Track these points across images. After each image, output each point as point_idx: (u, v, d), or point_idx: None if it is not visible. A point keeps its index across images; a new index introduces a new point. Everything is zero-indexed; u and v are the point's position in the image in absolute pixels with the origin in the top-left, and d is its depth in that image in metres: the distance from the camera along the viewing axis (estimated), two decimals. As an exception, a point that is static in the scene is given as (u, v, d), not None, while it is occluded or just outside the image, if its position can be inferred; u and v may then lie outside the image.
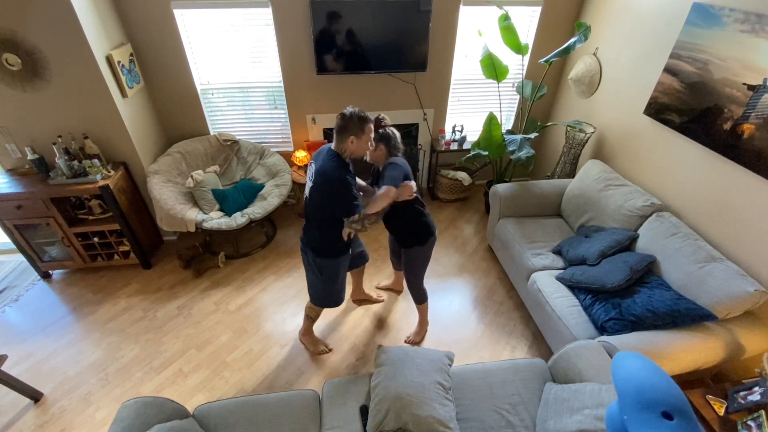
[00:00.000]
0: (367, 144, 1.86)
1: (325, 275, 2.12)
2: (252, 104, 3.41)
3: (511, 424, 1.74)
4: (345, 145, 1.82)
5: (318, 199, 1.89)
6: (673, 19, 2.48)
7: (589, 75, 3.23)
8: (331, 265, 2.10)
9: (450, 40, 3.33)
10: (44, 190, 2.61)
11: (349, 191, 1.82)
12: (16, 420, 2.17)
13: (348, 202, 1.82)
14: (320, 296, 2.26)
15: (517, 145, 3.02)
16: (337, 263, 2.11)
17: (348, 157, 1.87)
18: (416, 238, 2.19)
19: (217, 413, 1.74)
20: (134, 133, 2.88)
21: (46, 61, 2.45)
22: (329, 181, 1.82)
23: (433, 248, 2.26)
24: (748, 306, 1.95)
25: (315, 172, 1.87)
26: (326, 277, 2.13)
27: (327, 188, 1.84)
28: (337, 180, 1.81)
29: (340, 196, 1.82)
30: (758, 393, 1.80)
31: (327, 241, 2.01)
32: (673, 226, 2.31)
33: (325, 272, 2.11)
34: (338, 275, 2.18)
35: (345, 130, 1.79)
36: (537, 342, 2.61)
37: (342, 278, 2.22)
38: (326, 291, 2.22)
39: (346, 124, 1.78)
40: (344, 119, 1.78)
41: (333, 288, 2.21)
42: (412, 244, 2.20)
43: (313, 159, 1.97)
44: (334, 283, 2.19)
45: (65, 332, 2.66)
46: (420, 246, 2.20)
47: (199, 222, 2.86)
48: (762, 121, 2.00)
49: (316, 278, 2.15)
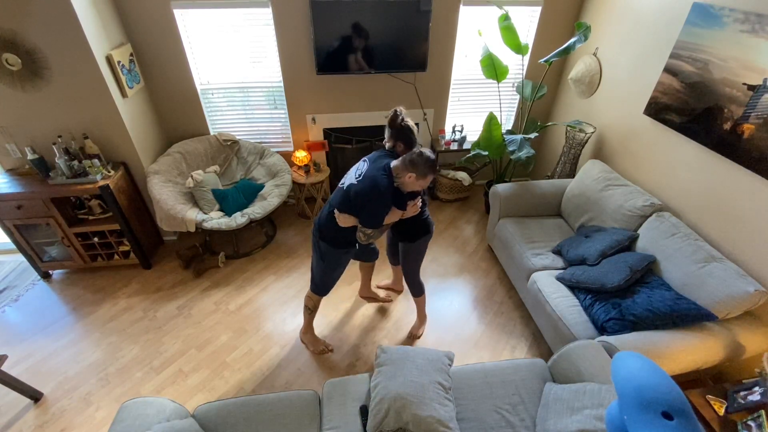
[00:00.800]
0: (419, 187, 1.92)
1: (326, 261, 2.19)
2: (252, 104, 3.41)
3: (511, 424, 1.74)
4: (403, 176, 1.88)
5: (353, 197, 1.92)
6: (673, 19, 2.48)
7: (589, 75, 3.23)
8: (334, 254, 2.16)
9: (450, 40, 3.33)
10: (44, 190, 2.61)
11: (381, 208, 1.91)
12: (16, 420, 2.17)
13: (375, 215, 1.91)
14: (317, 280, 2.32)
15: (517, 145, 3.02)
16: (340, 254, 2.17)
17: (397, 184, 1.93)
18: (416, 233, 2.22)
19: (217, 413, 1.74)
20: (134, 133, 2.88)
21: (46, 61, 2.45)
22: (375, 189, 1.85)
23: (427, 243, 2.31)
24: (748, 306, 1.95)
25: (365, 175, 1.91)
26: (327, 263, 2.20)
27: (368, 194, 1.87)
28: (381, 194, 1.86)
29: (373, 207, 1.89)
30: (758, 393, 1.80)
31: (337, 231, 2.05)
32: (673, 226, 2.31)
33: (326, 258, 2.18)
34: (339, 265, 2.24)
35: (413, 165, 1.84)
36: (537, 342, 2.61)
37: (341, 270, 2.29)
38: (324, 277, 2.29)
39: (417, 163, 1.83)
40: (419, 157, 1.83)
41: (331, 276, 2.29)
42: (413, 238, 2.23)
43: (368, 159, 2.02)
44: (333, 271, 2.26)
45: (65, 332, 2.66)
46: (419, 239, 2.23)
47: (199, 222, 2.86)
48: (762, 121, 2.00)
49: (318, 261, 2.22)
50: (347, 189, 1.95)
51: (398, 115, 2.02)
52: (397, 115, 2.02)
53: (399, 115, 2.02)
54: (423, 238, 2.24)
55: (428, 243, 2.33)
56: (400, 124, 2.02)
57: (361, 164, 2.01)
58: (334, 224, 2.01)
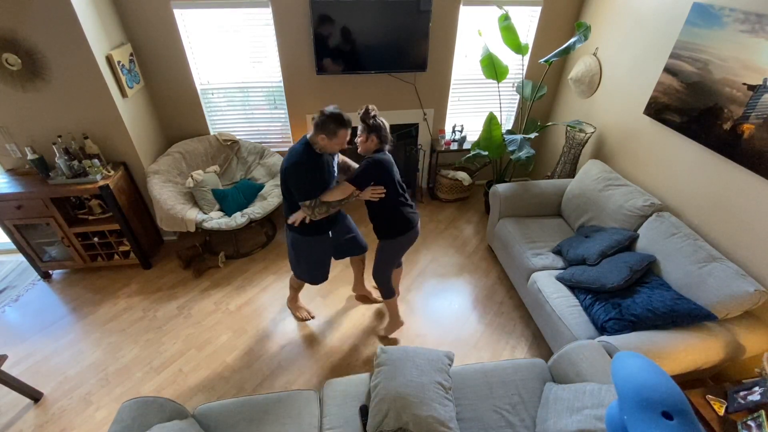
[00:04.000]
0: (337, 146, 1.93)
1: (296, 249, 2.23)
2: (252, 104, 3.41)
3: (511, 424, 1.74)
4: (316, 139, 1.90)
5: (282, 177, 1.98)
6: (673, 19, 2.48)
7: (589, 75, 3.23)
8: (303, 241, 2.17)
9: (450, 40, 3.33)
10: (44, 190, 2.61)
11: (303, 177, 1.92)
12: (16, 420, 2.17)
13: (300, 187, 1.93)
14: (295, 269, 2.37)
15: (517, 145, 3.02)
16: (309, 241, 2.17)
17: (319, 149, 1.94)
18: (387, 231, 2.18)
19: (217, 413, 1.74)
20: (134, 133, 2.88)
21: (46, 61, 2.45)
22: (290, 163, 1.91)
23: (404, 247, 2.25)
24: (748, 306, 1.95)
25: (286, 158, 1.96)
26: (297, 251, 2.23)
27: (287, 169, 1.92)
28: (295, 165, 1.90)
29: (295, 179, 1.92)
30: (758, 393, 1.80)
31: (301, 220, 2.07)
32: (673, 226, 2.31)
33: (296, 246, 2.21)
34: (312, 253, 2.25)
35: (319, 127, 1.86)
36: (537, 342, 2.61)
37: (318, 258, 2.28)
38: (299, 265, 2.32)
39: (322, 123, 1.85)
40: (321, 117, 1.85)
41: (306, 264, 2.30)
42: (385, 235, 2.20)
43: None
44: (306, 259, 2.28)
45: (65, 332, 2.66)
46: (390, 238, 2.19)
47: (199, 222, 2.86)
48: (762, 121, 2.00)
49: (289, 249, 2.28)
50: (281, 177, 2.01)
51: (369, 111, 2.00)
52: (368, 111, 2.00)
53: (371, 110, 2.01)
54: (396, 239, 2.17)
55: (403, 247, 2.25)
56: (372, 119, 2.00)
57: None
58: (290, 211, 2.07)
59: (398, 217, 2.14)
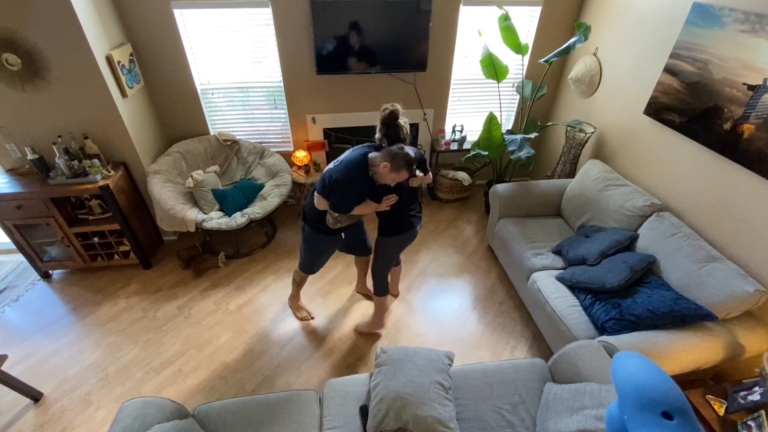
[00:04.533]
0: (390, 181, 1.96)
1: (307, 243, 2.31)
2: (252, 104, 3.41)
3: (511, 424, 1.74)
4: (378, 164, 1.92)
5: (327, 180, 2.01)
6: (673, 19, 2.48)
7: (589, 75, 3.23)
8: (315, 238, 2.23)
9: (450, 40, 3.33)
10: (44, 190, 2.61)
11: (350, 193, 1.98)
12: (16, 420, 2.17)
13: (342, 199, 1.99)
14: (303, 259, 2.43)
15: (517, 145, 3.02)
16: (320, 237, 2.23)
17: (372, 172, 1.98)
18: (393, 228, 2.22)
19: (217, 413, 1.74)
20: (134, 133, 2.88)
21: (46, 61, 2.45)
22: (340, 176, 1.94)
23: (403, 245, 2.31)
24: (748, 306, 1.95)
25: (341, 161, 2.02)
26: (308, 245, 2.31)
27: (338, 178, 1.94)
28: (344, 181, 1.94)
29: (341, 191, 1.96)
30: (758, 393, 1.80)
31: (319, 215, 2.11)
32: (673, 226, 2.31)
33: (308, 240, 2.29)
34: (321, 250, 2.35)
35: (390, 156, 1.89)
36: (537, 342, 2.61)
37: (321, 252, 2.35)
38: (307, 257, 2.39)
39: (396, 156, 1.88)
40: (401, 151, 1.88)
41: (314, 258, 2.39)
42: (387, 233, 2.24)
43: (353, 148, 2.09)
44: (315, 254, 2.36)
45: (65, 332, 2.66)
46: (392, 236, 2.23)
47: (199, 222, 2.86)
48: (762, 121, 2.00)
49: (302, 241, 2.35)
50: (324, 172, 2.05)
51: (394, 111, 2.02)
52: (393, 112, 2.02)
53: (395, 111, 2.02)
54: (396, 237, 2.23)
55: (403, 245, 2.31)
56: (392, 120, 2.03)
57: (345, 153, 2.08)
58: (316, 208, 2.09)
59: (402, 218, 2.19)
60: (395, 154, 1.88)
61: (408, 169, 1.91)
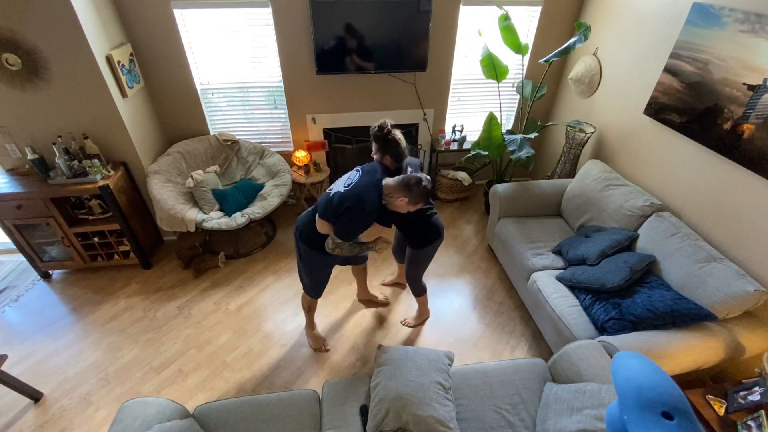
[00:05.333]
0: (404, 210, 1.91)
1: (306, 262, 2.17)
2: (252, 104, 3.41)
3: (511, 424, 1.74)
4: (394, 197, 1.86)
5: (336, 204, 1.87)
6: (673, 19, 2.48)
7: (589, 75, 3.23)
8: (313, 256, 2.11)
9: (450, 40, 3.33)
10: (44, 190, 2.61)
11: (359, 224, 1.88)
12: (16, 420, 2.17)
13: (350, 229, 1.87)
14: (305, 281, 2.31)
15: (517, 145, 3.02)
16: (323, 257, 2.10)
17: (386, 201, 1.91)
18: (422, 240, 2.21)
19: (217, 413, 1.74)
20: (134, 133, 2.88)
21: (46, 61, 2.45)
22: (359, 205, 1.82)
23: (436, 249, 2.31)
24: (748, 306, 1.95)
25: (354, 185, 1.87)
26: (306, 264, 2.18)
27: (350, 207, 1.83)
28: (363, 211, 1.83)
29: (351, 220, 1.85)
30: (758, 393, 1.80)
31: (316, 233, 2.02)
32: (673, 226, 2.31)
33: (306, 259, 2.15)
34: (321, 267, 2.22)
35: (409, 190, 1.83)
36: (537, 342, 2.61)
37: (321, 270, 2.25)
38: (308, 277, 2.26)
39: (413, 190, 1.82)
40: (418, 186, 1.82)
41: (316, 277, 2.26)
42: (418, 245, 2.24)
43: (361, 170, 1.97)
44: (316, 273, 2.24)
45: (65, 332, 2.66)
46: (428, 245, 2.24)
47: (199, 222, 2.86)
48: (762, 121, 2.00)
49: (299, 261, 2.23)
50: (332, 196, 1.90)
51: (384, 127, 1.98)
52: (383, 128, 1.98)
53: (385, 127, 1.98)
54: (433, 244, 2.23)
55: (435, 249, 2.30)
56: (386, 137, 2.00)
57: (353, 174, 1.96)
58: (314, 227, 1.99)
59: (429, 224, 2.18)
60: (412, 188, 1.82)
61: (424, 201, 1.88)
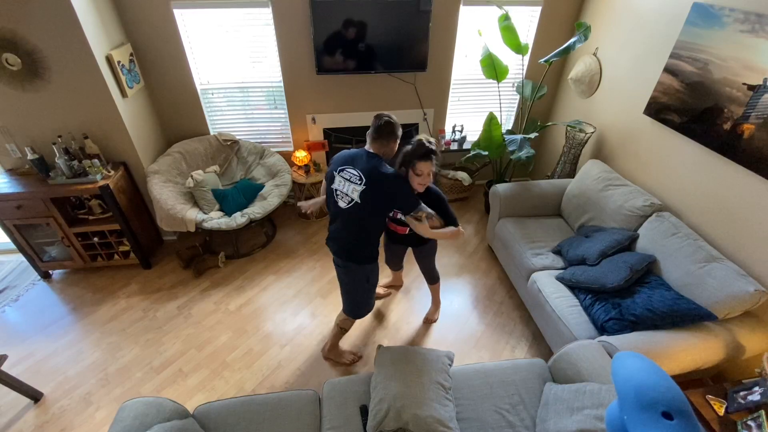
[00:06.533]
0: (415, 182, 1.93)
1: (372, 280, 2.11)
2: (252, 104, 3.41)
3: (511, 424, 1.74)
4: (388, 148, 1.88)
5: (376, 200, 1.82)
6: (673, 19, 2.48)
7: (589, 75, 3.23)
8: (375, 269, 2.09)
9: (450, 40, 3.33)
10: (44, 190, 2.61)
11: (410, 186, 1.92)
12: (16, 420, 2.17)
13: (412, 195, 1.90)
14: (360, 304, 2.20)
15: (517, 145, 3.02)
16: (373, 267, 2.07)
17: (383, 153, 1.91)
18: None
19: (217, 413, 1.74)
20: (134, 133, 2.88)
21: (46, 61, 2.45)
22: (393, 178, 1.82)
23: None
24: (748, 306, 1.95)
25: (367, 175, 1.80)
26: (372, 282, 2.12)
27: (390, 187, 1.82)
28: (400, 177, 1.87)
29: (404, 191, 1.87)
30: (758, 393, 1.80)
31: (373, 246, 1.99)
32: (673, 226, 2.31)
33: (372, 277, 2.10)
34: (371, 279, 2.12)
35: (392, 134, 1.87)
36: (537, 342, 2.61)
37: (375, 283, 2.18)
38: (358, 297, 2.17)
39: (393, 129, 1.86)
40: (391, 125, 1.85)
41: (365, 294, 2.16)
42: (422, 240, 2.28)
43: (344, 164, 1.89)
44: (366, 289, 2.14)
45: (65, 332, 2.66)
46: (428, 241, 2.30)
47: (199, 222, 2.86)
48: (762, 121, 2.00)
49: (362, 287, 2.10)
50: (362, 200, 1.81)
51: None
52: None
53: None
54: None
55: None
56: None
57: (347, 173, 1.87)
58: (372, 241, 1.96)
59: None
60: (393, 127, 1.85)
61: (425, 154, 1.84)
